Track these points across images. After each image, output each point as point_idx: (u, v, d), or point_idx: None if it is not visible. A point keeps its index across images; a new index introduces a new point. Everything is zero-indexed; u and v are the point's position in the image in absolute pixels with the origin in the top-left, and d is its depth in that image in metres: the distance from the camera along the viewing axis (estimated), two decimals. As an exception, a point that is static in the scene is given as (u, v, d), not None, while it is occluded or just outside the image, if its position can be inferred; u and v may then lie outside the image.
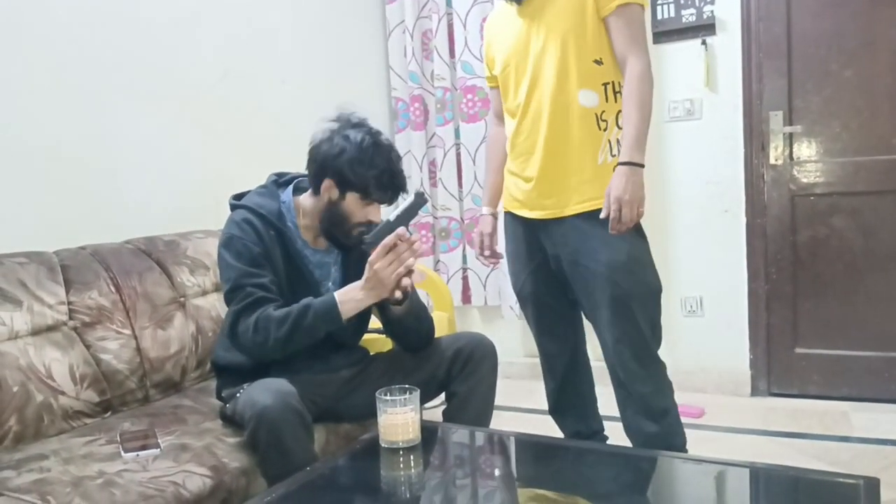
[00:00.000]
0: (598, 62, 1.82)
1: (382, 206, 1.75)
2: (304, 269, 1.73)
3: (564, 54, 1.82)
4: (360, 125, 1.71)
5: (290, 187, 1.78)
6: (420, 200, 1.66)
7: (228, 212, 1.75)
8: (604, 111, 1.84)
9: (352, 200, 1.68)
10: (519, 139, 1.94)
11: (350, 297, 1.64)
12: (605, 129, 1.84)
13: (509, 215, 2.05)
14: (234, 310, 1.63)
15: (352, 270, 1.77)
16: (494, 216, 2.15)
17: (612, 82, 1.84)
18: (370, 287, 1.62)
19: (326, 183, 1.68)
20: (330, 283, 1.78)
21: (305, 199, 1.75)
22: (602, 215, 1.75)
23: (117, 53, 2.14)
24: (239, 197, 1.78)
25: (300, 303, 1.62)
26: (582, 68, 1.82)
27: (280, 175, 1.83)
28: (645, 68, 1.78)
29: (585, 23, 1.80)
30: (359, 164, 1.65)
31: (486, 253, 2.15)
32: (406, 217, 1.65)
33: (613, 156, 1.84)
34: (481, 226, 2.15)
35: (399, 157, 1.74)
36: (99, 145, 2.11)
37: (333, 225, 1.71)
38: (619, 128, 1.84)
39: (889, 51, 2.64)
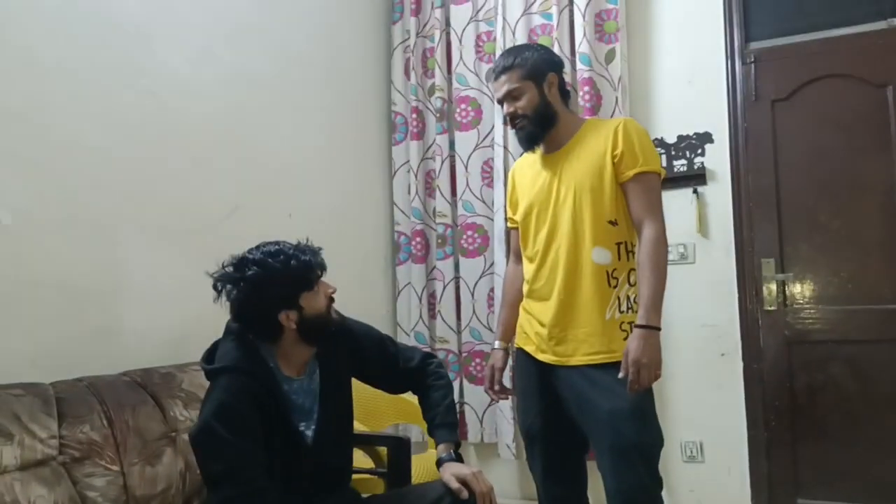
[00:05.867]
0: (613, 223, 1.91)
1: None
2: (287, 416, 1.71)
3: (581, 213, 1.92)
4: (242, 263, 1.69)
5: None
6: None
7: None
8: (615, 269, 1.91)
9: (308, 301, 1.70)
10: (537, 284, 2.01)
11: None
12: (615, 287, 1.91)
13: (521, 352, 2.08)
14: (229, 495, 1.57)
15: (329, 402, 1.78)
16: (506, 351, 2.17)
17: (626, 242, 1.93)
18: None
19: (282, 317, 1.69)
20: (307, 431, 1.76)
21: (275, 342, 1.74)
22: (620, 375, 1.80)
23: (131, 188, 2.22)
24: (209, 358, 1.74)
25: None
26: (597, 227, 1.91)
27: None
28: (660, 234, 1.87)
29: (603, 186, 1.91)
30: (279, 278, 1.66)
31: (496, 388, 2.15)
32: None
33: (622, 312, 1.90)
34: (493, 360, 2.17)
35: (284, 241, 1.75)
36: (103, 276, 2.15)
37: (320, 329, 1.73)
38: (630, 285, 1.91)
39: (875, 202, 2.75)
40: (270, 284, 1.65)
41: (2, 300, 1.87)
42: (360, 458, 2.40)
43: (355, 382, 1.96)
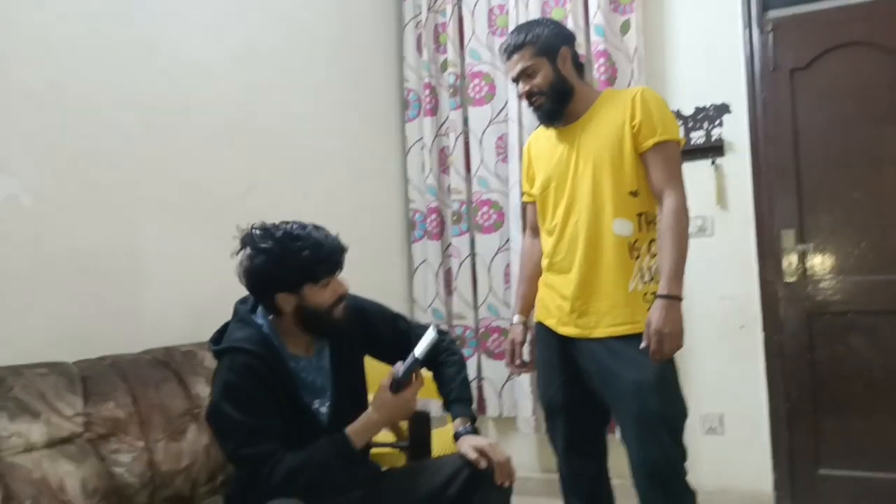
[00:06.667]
0: (634, 193, 1.90)
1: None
2: (296, 394, 1.72)
3: (600, 185, 1.90)
4: (265, 234, 1.70)
5: (259, 308, 1.78)
6: (440, 336, 1.79)
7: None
8: (637, 240, 1.90)
9: (311, 292, 1.69)
10: (557, 258, 2.00)
11: (361, 425, 1.67)
12: (637, 258, 1.90)
13: (541, 326, 2.08)
14: (246, 474, 1.61)
15: (342, 380, 1.80)
16: (526, 325, 2.17)
17: (646, 213, 1.92)
18: (386, 414, 1.68)
19: (280, 298, 1.69)
20: (321, 408, 1.77)
21: (276, 321, 1.75)
22: (642, 346, 1.79)
23: (147, 167, 2.23)
24: (217, 339, 1.76)
25: (311, 453, 1.62)
26: (617, 199, 1.89)
27: (244, 300, 1.82)
28: (681, 203, 1.85)
29: (623, 156, 1.89)
30: (287, 261, 1.66)
31: (517, 362, 2.15)
32: (430, 353, 1.75)
33: (645, 283, 1.89)
34: (512, 334, 2.17)
35: (318, 228, 1.73)
36: (124, 257, 2.16)
37: (316, 324, 1.73)
38: (652, 256, 1.90)
39: (896, 172, 2.71)
40: (278, 264, 1.66)
41: (23, 280, 1.89)
42: (381, 432, 2.42)
43: (372, 358, 1.98)
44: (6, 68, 1.88)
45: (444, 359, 1.93)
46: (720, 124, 2.91)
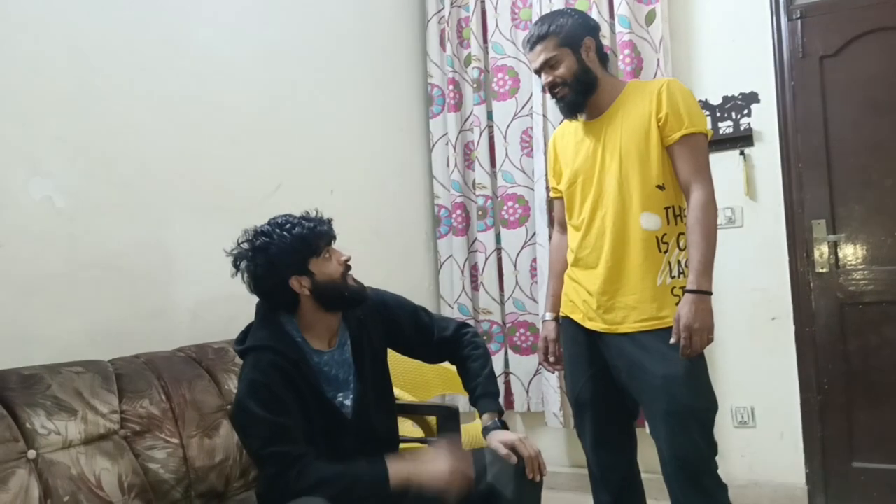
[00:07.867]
0: (661, 187, 1.88)
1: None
2: (320, 389, 1.73)
3: (627, 178, 1.89)
4: (254, 237, 1.74)
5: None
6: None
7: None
8: (665, 234, 1.89)
9: (318, 266, 1.72)
10: (584, 252, 1.99)
11: (405, 468, 1.63)
12: (665, 252, 1.88)
13: (568, 320, 2.07)
14: (272, 472, 1.60)
15: (364, 372, 1.80)
16: (558, 322, 2.16)
17: (674, 206, 1.90)
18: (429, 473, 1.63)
19: (293, 282, 1.71)
20: (345, 401, 1.78)
21: (297, 316, 1.77)
22: (672, 341, 1.78)
23: (177, 168, 2.26)
24: (241, 339, 1.78)
25: (347, 470, 1.61)
26: (644, 193, 1.88)
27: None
28: (709, 196, 1.84)
29: (650, 150, 1.87)
30: (285, 244, 1.69)
31: (552, 359, 2.15)
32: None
33: (673, 277, 1.87)
34: (545, 332, 2.17)
35: (290, 214, 1.79)
36: (155, 256, 2.19)
37: (335, 296, 1.74)
38: (680, 249, 1.89)
39: (929, 160, 2.65)
40: (279, 251, 1.69)
41: (59, 281, 1.92)
42: (410, 428, 2.43)
43: (399, 355, 1.98)
44: (36, 70, 1.91)
45: (469, 353, 1.93)
46: (748, 114, 2.88)
